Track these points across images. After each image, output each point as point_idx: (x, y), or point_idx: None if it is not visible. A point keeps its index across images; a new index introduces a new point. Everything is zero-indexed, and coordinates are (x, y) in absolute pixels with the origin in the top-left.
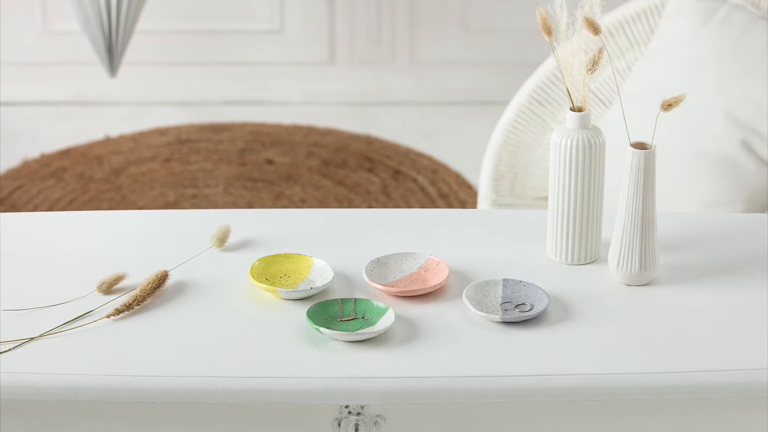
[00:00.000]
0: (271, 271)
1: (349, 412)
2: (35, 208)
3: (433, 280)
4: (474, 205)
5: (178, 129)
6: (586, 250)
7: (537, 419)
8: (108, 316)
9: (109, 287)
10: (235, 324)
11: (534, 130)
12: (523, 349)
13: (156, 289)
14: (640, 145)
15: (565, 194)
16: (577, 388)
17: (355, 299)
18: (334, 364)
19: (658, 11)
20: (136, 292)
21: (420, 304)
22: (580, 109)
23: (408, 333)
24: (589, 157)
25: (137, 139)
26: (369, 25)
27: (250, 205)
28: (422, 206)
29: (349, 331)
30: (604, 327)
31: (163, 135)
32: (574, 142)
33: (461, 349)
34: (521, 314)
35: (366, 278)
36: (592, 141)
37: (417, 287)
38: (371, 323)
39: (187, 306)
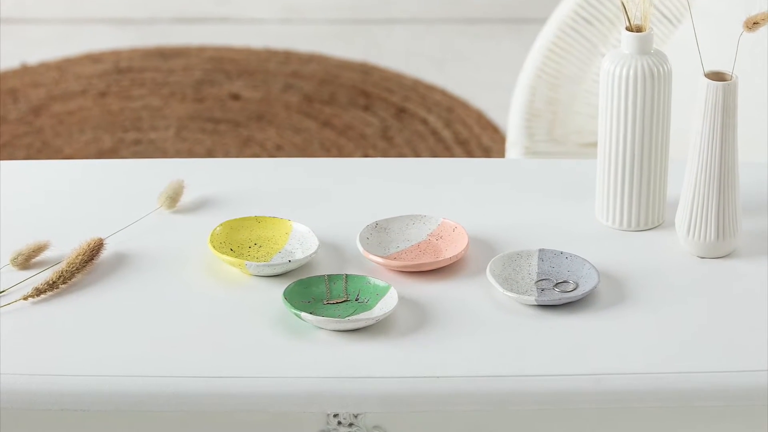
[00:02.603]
0: (237, 239)
1: (339, 423)
2: None
3: (448, 251)
4: (501, 154)
5: (117, 54)
6: (647, 212)
7: (583, 431)
8: (25, 298)
9: (26, 260)
10: (190, 308)
11: (579, 56)
12: (566, 340)
13: (88, 263)
14: (718, 76)
15: (619, 139)
16: (636, 390)
17: (347, 276)
18: (319, 359)
19: None
20: (62, 266)
21: (431, 281)
22: (638, 29)
23: (415, 320)
24: (651, 91)
25: (63, 67)
26: None
27: (210, 154)
28: (434, 155)
29: (338, 317)
30: (671, 312)
31: (97, 62)
32: (632, 72)
33: (485, 340)
34: (563, 295)
35: (361, 248)
36: (655, 70)
37: (427, 260)
38: (367, 307)
39: (129, 285)
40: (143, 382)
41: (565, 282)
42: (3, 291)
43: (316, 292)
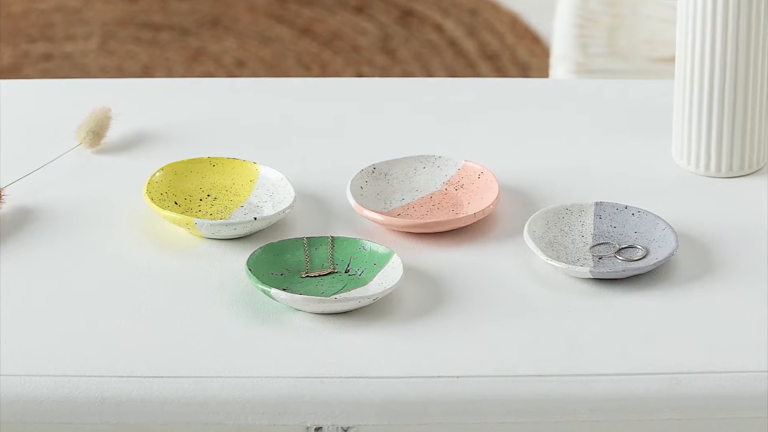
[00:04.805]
0: (184, 188)
1: None
2: None
3: (472, 205)
4: (545, 73)
5: None
6: (743, 152)
7: None
8: None
9: None
10: (119, 283)
11: None
12: (632, 327)
13: None
14: None
15: (705, 53)
16: (727, 394)
17: (333, 239)
18: (296, 353)
19: None
20: None
21: (448, 246)
22: None
23: (427, 299)
24: None
25: None
26: None
27: (146, 73)
28: (451, 74)
29: (322, 295)
30: None
31: None
32: None
33: (521, 327)
34: (628, 266)
35: (352, 202)
36: None
37: (443, 217)
38: (362, 281)
39: (36, 250)
40: (56, 383)
41: (631, 247)
42: None
43: (292, 261)
